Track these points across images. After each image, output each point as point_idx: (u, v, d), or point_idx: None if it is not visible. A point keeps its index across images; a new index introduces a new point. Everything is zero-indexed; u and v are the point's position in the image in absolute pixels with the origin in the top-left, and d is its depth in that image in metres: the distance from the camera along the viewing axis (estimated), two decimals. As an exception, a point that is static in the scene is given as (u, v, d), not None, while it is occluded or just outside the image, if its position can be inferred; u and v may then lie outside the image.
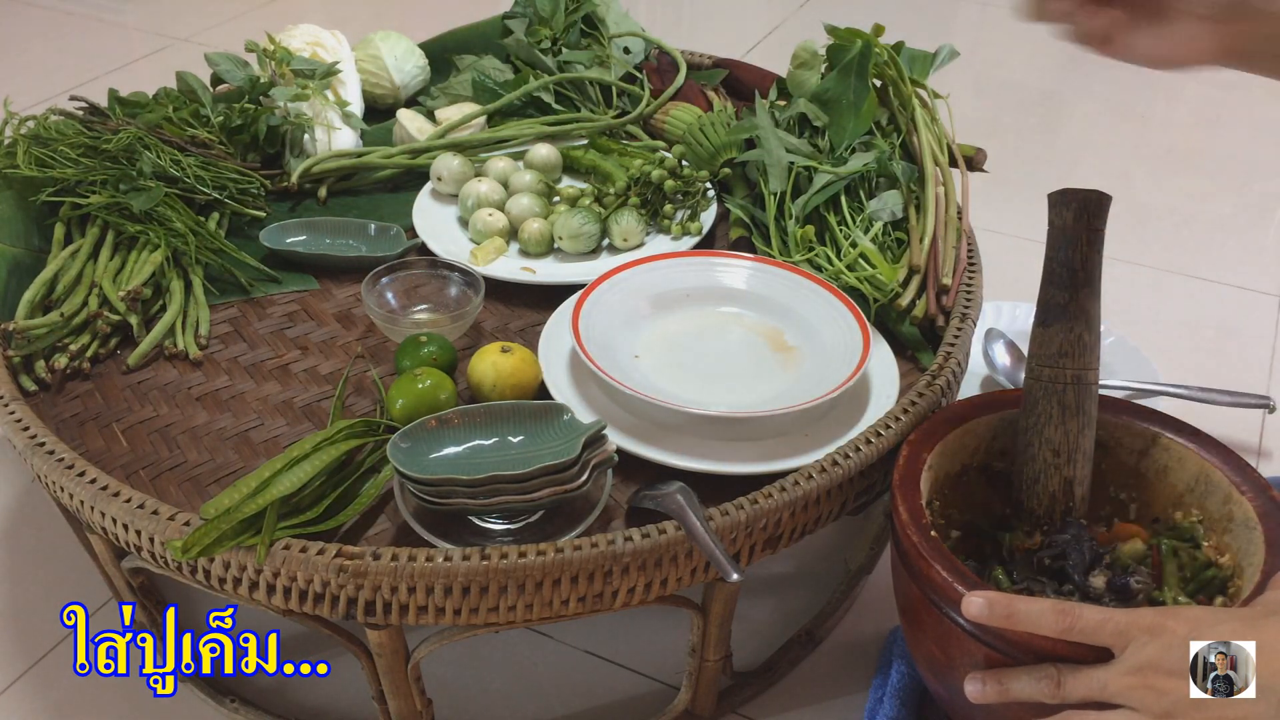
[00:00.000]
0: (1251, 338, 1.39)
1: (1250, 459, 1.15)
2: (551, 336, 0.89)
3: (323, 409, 0.85)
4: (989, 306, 1.27)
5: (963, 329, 0.91)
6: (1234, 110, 1.96)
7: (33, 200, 0.99)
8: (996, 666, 0.66)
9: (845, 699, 0.93)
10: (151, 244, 0.96)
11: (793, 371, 0.87)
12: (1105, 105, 1.98)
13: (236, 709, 0.90)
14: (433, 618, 0.71)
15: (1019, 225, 1.50)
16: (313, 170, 1.12)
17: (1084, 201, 0.73)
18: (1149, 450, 0.80)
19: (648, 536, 0.70)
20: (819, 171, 1.00)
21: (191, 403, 0.85)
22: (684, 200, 1.08)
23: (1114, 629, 0.61)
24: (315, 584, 0.69)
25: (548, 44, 1.30)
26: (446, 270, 0.96)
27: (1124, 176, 1.76)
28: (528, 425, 0.77)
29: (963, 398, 0.85)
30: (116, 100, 1.14)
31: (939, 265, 0.94)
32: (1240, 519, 0.73)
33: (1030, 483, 0.77)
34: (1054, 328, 0.75)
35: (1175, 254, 1.55)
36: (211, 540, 0.69)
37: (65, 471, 0.75)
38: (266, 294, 0.98)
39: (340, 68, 1.23)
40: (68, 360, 0.86)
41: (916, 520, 0.71)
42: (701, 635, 0.82)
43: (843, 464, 0.77)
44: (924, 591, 0.70)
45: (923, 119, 1.07)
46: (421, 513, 0.74)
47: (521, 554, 0.68)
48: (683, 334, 0.92)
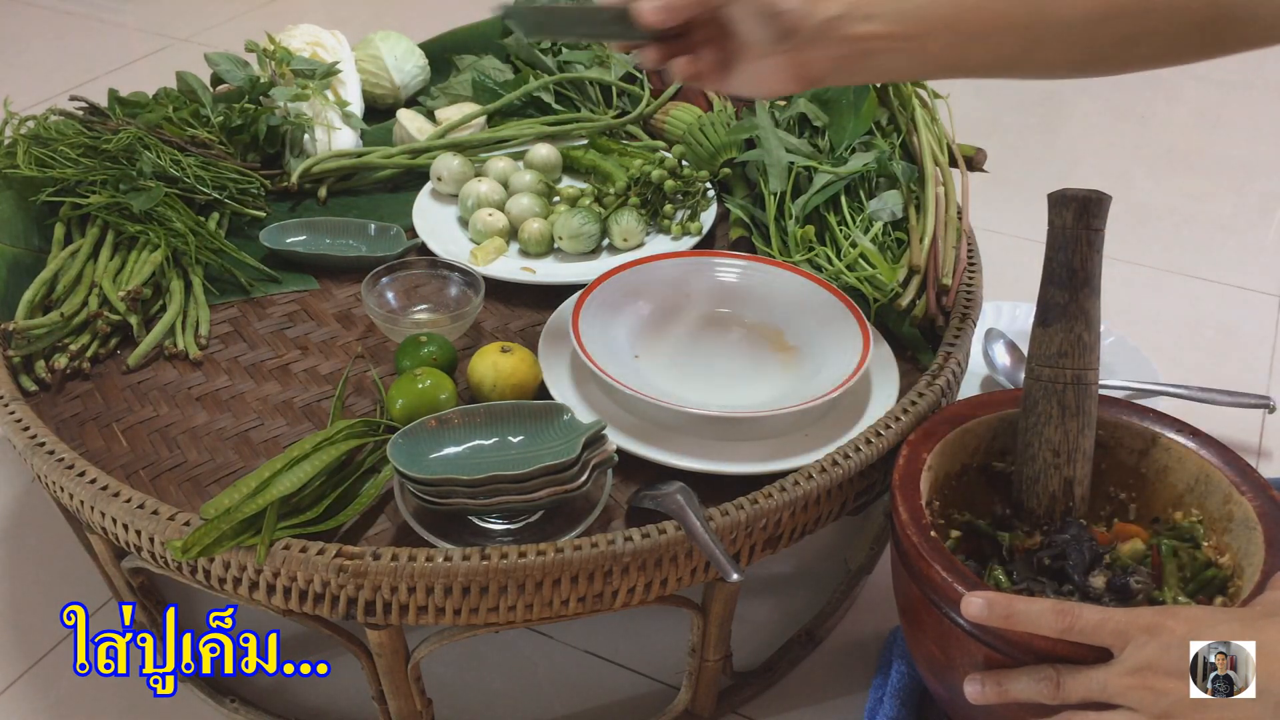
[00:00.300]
0: (1251, 338, 1.39)
1: (1250, 459, 1.15)
2: (551, 336, 0.89)
3: (323, 409, 0.85)
4: (989, 306, 1.27)
5: (963, 329, 0.91)
6: (1234, 110, 1.96)
7: (33, 200, 0.99)
8: (996, 667, 0.66)
9: (845, 699, 0.93)
10: (151, 244, 0.96)
11: (793, 371, 0.87)
12: (1105, 105, 1.98)
13: (236, 709, 0.90)
14: (433, 618, 0.71)
15: (1019, 225, 1.50)
16: (313, 170, 1.12)
17: (1084, 202, 0.73)
18: (1149, 450, 0.80)
19: (648, 536, 0.71)
20: (819, 171, 1.00)
21: (191, 403, 0.85)
22: (684, 200, 1.08)
23: (1113, 628, 0.61)
24: (315, 584, 0.69)
25: (548, 44, 1.30)
26: (446, 270, 0.96)
27: (1124, 176, 1.76)
28: (528, 425, 0.77)
29: (963, 398, 0.85)
30: (116, 100, 1.14)
31: (939, 265, 0.94)
32: (1240, 519, 0.73)
33: (1030, 483, 0.77)
34: (1054, 328, 0.75)
35: (1175, 254, 1.55)
36: (211, 540, 0.69)
37: (65, 471, 0.75)
38: (266, 294, 0.98)
39: (340, 68, 1.23)
40: (68, 360, 0.86)
41: (916, 520, 0.71)
42: (701, 635, 0.82)
43: (843, 464, 0.77)
44: (924, 591, 0.70)
45: (922, 119, 1.07)
46: (421, 513, 0.74)
47: (521, 554, 0.68)
48: (683, 334, 0.92)
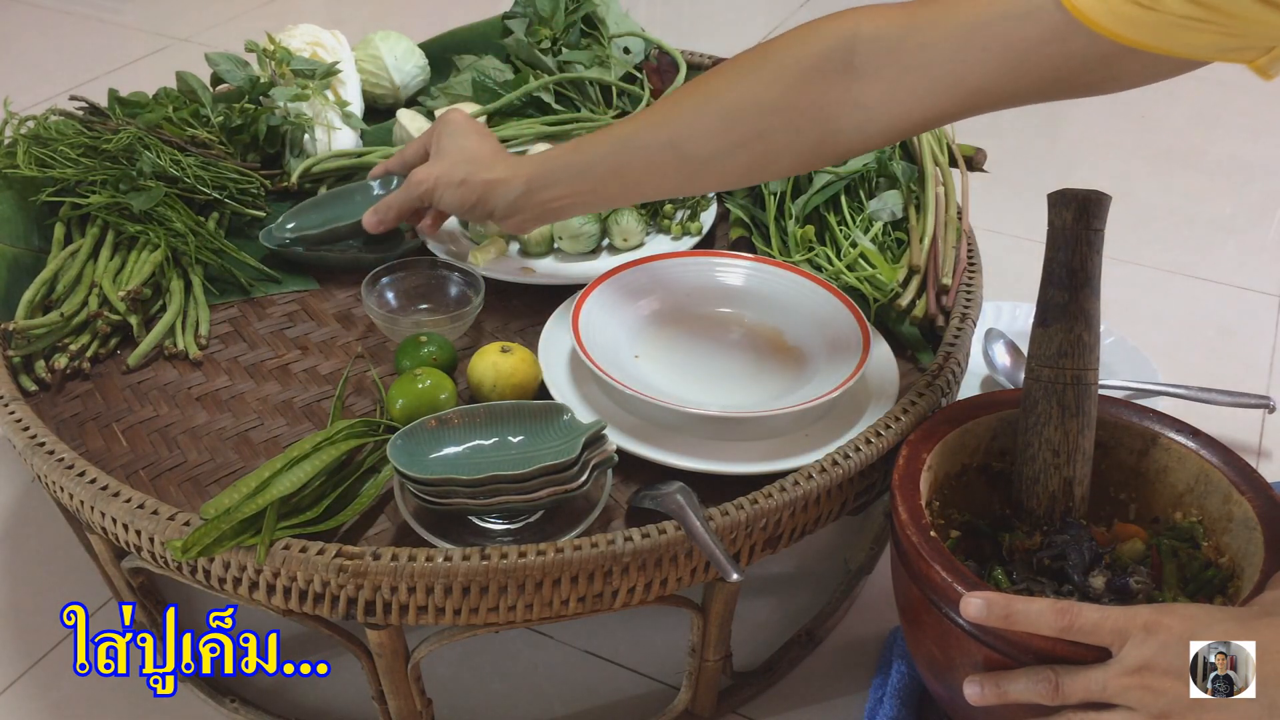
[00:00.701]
0: (1251, 338, 1.39)
1: (1250, 459, 1.15)
2: (551, 336, 0.89)
3: (323, 409, 0.85)
4: (989, 306, 1.27)
5: (963, 329, 0.91)
6: (1234, 110, 1.96)
7: (33, 200, 0.99)
8: (996, 667, 0.66)
9: (845, 699, 0.93)
10: (151, 244, 0.96)
11: (793, 371, 0.87)
12: (1105, 105, 1.98)
13: (236, 709, 0.90)
14: (433, 618, 0.71)
15: (1019, 225, 1.50)
16: (313, 170, 1.12)
17: (1084, 202, 0.73)
18: (1149, 450, 0.80)
19: (648, 536, 0.71)
20: (819, 171, 1.00)
21: (191, 403, 0.85)
22: (684, 200, 1.08)
23: (1111, 627, 0.61)
24: (315, 584, 0.69)
25: (548, 44, 1.30)
26: (446, 270, 0.96)
27: (1124, 176, 1.76)
28: (528, 425, 0.77)
29: (963, 398, 0.85)
30: (116, 100, 1.14)
31: (939, 265, 0.94)
32: (1240, 519, 0.73)
33: (1030, 483, 0.77)
34: (1054, 328, 0.75)
35: (1175, 254, 1.55)
36: (211, 540, 0.69)
37: (65, 471, 0.75)
38: (266, 294, 0.98)
39: (340, 68, 1.23)
40: (68, 360, 0.86)
41: (916, 520, 0.71)
42: (701, 635, 0.82)
43: (843, 464, 0.77)
44: (924, 592, 0.70)
45: (923, 119, 1.07)
46: (421, 513, 0.74)
47: (521, 554, 0.68)
48: (683, 334, 0.92)
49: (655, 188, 0.83)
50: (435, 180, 0.87)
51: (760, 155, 0.76)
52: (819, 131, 0.73)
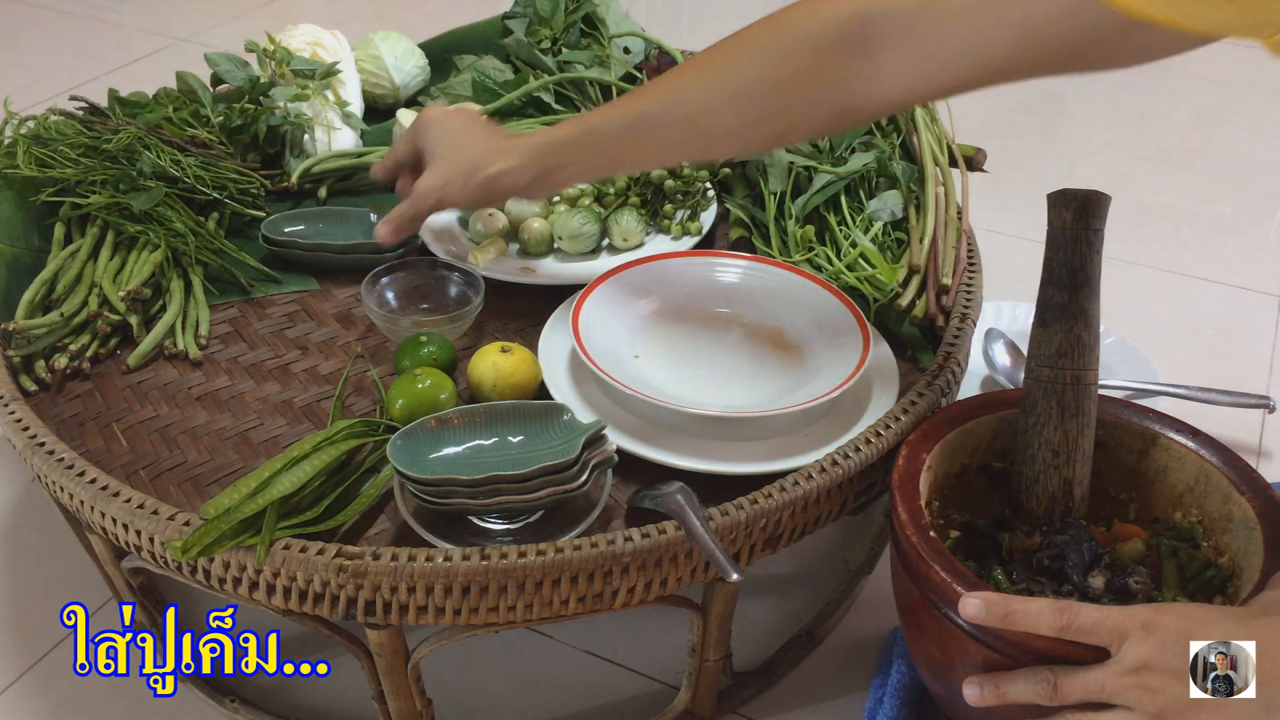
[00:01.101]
0: (1251, 338, 1.39)
1: (1250, 459, 1.15)
2: (551, 336, 0.89)
3: (323, 409, 0.85)
4: (989, 306, 1.27)
5: (963, 329, 0.91)
6: (1234, 110, 1.96)
7: (33, 200, 0.99)
8: (995, 667, 0.66)
9: (845, 699, 0.93)
10: (151, 244, 0.96)
11: (793, 371, 0.87)
12: (1105, 105, 1.98)
13: (236, 709, 0.90)
14: (433, 618, 0.71)
15: (1019, 225, 1.50)
16: (313, 170, 1.12)
17: (1083, 202, 0.73)
18: (1149, 450, 0.80)
19: (648, 536, 0.71)
20: (819, 171, 1.00)
21: (191, 403, 0.85)
22: (684, 200, 1.07)
23: (1110, 627, 0.61)
24: (315, 584, 0.69)
25: (548, 44, 1.30)
26: (446, 270, 0.96)
27: (1124, 176, 1.76)
28: (528, 425, 0.77)
29: (963, 398, 0.85)
30: (116, 100, 1.14)
31: (939, 265, 0.94)
32: (1240, 519, 0.73)
33: (1030, 483, 0.77)
34: (1053, 328, 0.75)
35: (1175, 254, 1.55)
36: (211, 540, 0.69)
37: (65, 471, 0.75)
38: (266, 294, 0.98)
39: (340, 68, 1.23)
40: (68, 360, 0.86)
41: (916, 520, 0.71)
42: (701, 635, 0.82)
43: (843, 464, 0.77)
44: (923, 592, 0.70)
45: (922, 119, 1.07)
46: (421, 513, 0.74)
47: (521, 554, 0.68)
48: (683, 334, 0.92)
49: (674, 159, 0.93)
50: (441, 188, 0.87)
51: (781, 126, 0.78)
52: (837, 104, 0.74)
